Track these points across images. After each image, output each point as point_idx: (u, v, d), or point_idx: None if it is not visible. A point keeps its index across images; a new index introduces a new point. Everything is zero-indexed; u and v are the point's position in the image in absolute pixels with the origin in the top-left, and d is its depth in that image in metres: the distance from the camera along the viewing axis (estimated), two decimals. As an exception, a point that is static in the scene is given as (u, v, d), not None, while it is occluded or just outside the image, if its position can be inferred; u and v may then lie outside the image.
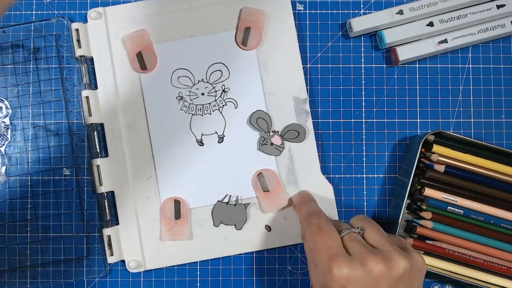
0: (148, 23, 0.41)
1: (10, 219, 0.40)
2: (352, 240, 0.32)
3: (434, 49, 0.41)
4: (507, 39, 0.42)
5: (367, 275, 0.29)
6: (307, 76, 0.42)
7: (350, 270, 0.29)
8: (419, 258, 0.31)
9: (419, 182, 0.38)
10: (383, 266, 0.29)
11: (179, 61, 0.41)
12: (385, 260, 0.30)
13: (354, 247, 0.31)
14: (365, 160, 0.42)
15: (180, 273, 0.40)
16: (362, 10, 0.42)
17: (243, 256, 0.41)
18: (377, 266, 0.29)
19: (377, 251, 0.30)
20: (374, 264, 0.29)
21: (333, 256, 0.30)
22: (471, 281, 0.38)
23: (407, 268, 0.30)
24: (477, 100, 0.42)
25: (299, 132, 0.40)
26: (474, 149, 0.39)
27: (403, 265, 0.30)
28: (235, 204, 0.40)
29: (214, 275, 0.41)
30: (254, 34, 0.40)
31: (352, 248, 0.31)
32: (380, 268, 0.29)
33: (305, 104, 0.40)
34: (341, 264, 0.29)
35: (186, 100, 0.40)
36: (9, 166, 0.40)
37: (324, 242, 0.31)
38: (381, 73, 0.42)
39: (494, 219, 0.38)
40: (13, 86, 0.41)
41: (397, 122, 0.42)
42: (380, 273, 0.29)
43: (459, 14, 0.41)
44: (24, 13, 0.42)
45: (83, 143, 0.41)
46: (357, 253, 0.31)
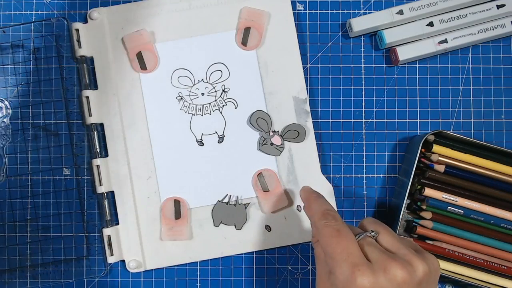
0: (148, 23, 0.41)
1: (10, 219, 0.40)
2: (369, 245, 0.31)
3: (434, 49, 0.41)
4: (507, 39, 0.42)
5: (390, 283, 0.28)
6: (307, 76, 0.42)
7: (374, 279, 0.28)
8: (434, 260, 0.31)
9: (419, 182, 0.38)
10: (405, 272, 0.29)
11: (179, 61, 0.41)
12: (405, 265, 0.29)
13: (372, 252, 0.30)
14: (365, 160, 0.42)
15: (180, 273, 0.40)
16: (362, 10, 0.42)
17: (243, 256, 0.41)
18: (399, 273, 0.29)
19: (396, 256, 0.30)
20: (396, 271, 0.29)
21: (355, 264, 0.29)
22: (471, 281, 0.38)
23: (426, 272, 0.29)
24: (477, 100, 0.42)
25: (299, 132, 0.40)
26: (474, 149, 0.39)
27: (422, 268, 0.29)
28: (235, 204, 0.40)
29: (214, 275, 0.41)
30: (254, 34, 0.40)
31: (371, 254, 0.30)
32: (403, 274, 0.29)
33: (305, 104, 0.40)
34: (364, 273, 0.28)
35: (186, 100, 0.40)
36: (9, 166, 0.40)
37: (344, 248, 0.30)
38: (381, 73, 0.42)
39: (494, 219, 0.38)
40: (13, 86, 0.41)
41: (397, 122, 0.42)
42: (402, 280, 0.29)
43: (459, 14, 0.41)
44: (24, 13, 0.42)
45: (83, 143, 0.41)
46: (376, 259, 0.30)
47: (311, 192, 0.36)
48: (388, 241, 0.32)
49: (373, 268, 0.29)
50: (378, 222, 0.33)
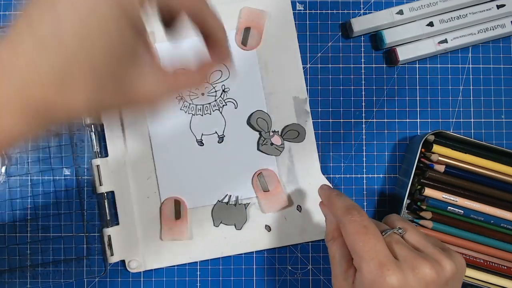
0: (148, 23, 0.40)
1: (10, 219, 0.40)
2: (396, 243, 0.30)
3: (434, 49, 0.41)
4: (507, 39, 0.42)
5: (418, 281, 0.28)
6: (307, 76, 0.42)
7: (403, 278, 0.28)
8: (461, 259, 0.31)
9: (419, 182, 0.38)
10: (434, 272, 0.28)
11: (179, 61, 0.41)
12: (434, 265, 0.29)
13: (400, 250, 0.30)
14: (365, 160, 0.42)
15: (180, 273, 0.40)
16: (362, 10, 0.42)
17: (243, 256, 0.41)
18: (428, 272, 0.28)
19: (425, 255, 0.30)
20: (425, 270, 0.28)
21: (383, 263, 0.28)
22: (471, 281, 0.38)
23: (454, 271, 0.29)
24: (477, 100, 0.42)
25: (299, 132, 0.40)
26: (474, 149, 0.39)
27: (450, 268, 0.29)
28: (235, 204, 0.40)
29: (214, 275, 0.41)
30: (254, 34, 0.40)
31: (399, 252, 0.30)
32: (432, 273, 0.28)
33: (305, 104, 0.40)
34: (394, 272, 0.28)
35: (186, 100, 0.40)
36: (9, 166, 0.40)
37: (372, 246, 0.29)
38: (381, 73, 0.42)
39: (494, 219, 0.38)
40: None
41: (397, 122, 0.42)
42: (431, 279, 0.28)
43: (459, 14, 0.41)
44: (24, 13, 0.42)
45: (83, 143, 0.41)
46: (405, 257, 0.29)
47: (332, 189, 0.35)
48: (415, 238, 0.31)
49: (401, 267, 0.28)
50: (404, 220, 0.32)
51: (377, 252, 0.29)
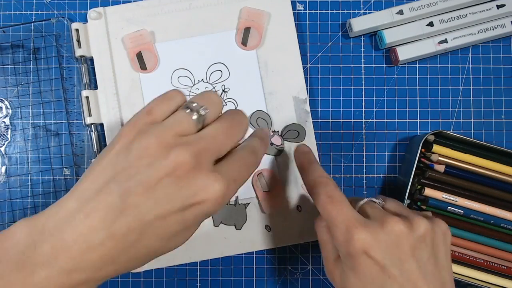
0: (148, 23, 0.41)
1: (10, 219, 0.40)
2: (371, 207, 0.31)
3: (434, 49, 0.41)
4: (507, 39, 0.42)
5: (387, 235, 0.28)
6: (307, 76, 0.42)
7: (370, 233, 0.28)
8: (441, 223, 0.30)
9: (419, 182, 0.38)
10: (403, 225, 0.28)
11: (179, 61, 0.41)
12: (404, 221, 0.29)
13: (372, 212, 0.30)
14: (365, 160, 0.42)
15: (180, 273, 0.40)
16: (362, 10, 0.42)
17: (243, 256, 0.41)
18: (396, 225, 0.28)
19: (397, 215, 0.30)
20: (394, 224, 0.28)
21: (351, 223, 0.29)
22: (471, 281, 0.38)
23: (428, 229, 0.29)
24: (477, 100, 0.42)
25: (299, 132, 0.40)
26: (474, 149, 0.39)
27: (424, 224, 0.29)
28: (235, 204, 0.40)
29: (214, 275, 0.41)
30: (254, 34, 0.40)
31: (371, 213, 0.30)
32: (400, 227, 0.28)
33: (305, 104, 0.40)
34: (361, 229, 0.28)
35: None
36: (9, 166, 0.40)
37: (339, 211, 0.30)
38: (381, 73, 0.42)
39: (494, 219, 0.38)
40: (13, 86, 0.41)
41: (397, 122, 0.42)
42: (400, 232, 0.28)
43: (459, 14, 0.41)
44: (24, 13, 0.42)
45: (83, 143, 0.41)
46: (376, 216, 0.30)
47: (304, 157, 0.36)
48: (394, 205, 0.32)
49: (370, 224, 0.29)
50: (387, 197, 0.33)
51: (345, 215, 0.29)
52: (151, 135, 0.25)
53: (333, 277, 0.31)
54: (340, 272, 0.30)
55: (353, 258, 0.28)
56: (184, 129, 0.26)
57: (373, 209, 0.31)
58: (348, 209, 0.30)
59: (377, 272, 0.28)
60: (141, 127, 0.26)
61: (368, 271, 0.28)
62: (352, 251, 0.28)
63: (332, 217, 0.30)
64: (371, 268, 0.28)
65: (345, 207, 0.30)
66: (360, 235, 0.28)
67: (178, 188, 0.24)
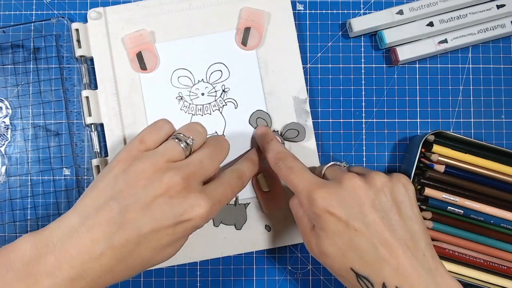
0: (148, 23, 0.41)
1: (10, 219, 0.40)
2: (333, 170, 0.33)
3: (434, 49, 0.41)
4: (507, 39, 0.42)
5: (345, 191, 0.30)
6: (307, 76, 0.42)
7: (328, 191, 0.30)
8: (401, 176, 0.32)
9: (419, 182, 0.38)
10: (359, 180, 0.30)
11: (179, 61, 0.41)
12: (360, 177, 0.31)
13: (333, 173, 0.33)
14: (365, 160, 0.42)
15: (180, 273, 0.40)
16: (362, 10, 0.42)
17: (243, 256, 0.41)
18: (352, 180, 0.30)
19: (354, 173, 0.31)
20: (350, 179, 0.30)
21: (311, 186, 0.31)
22: (471, 281, 0.38)
23: (385, 181, 0.30)
24: (477, 100, 0.42)
25: (299, 131, 0.40)
26: (474, 149, 0.39)
27: (380, 178, 0.30)
28: (235, 204, 0.40)
29: (214, 275, 0.41)
30: (254, 34, 0.40)
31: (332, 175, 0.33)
32: (357, 181, 0.30)
33: (305, 104, 0.40)
34: (319, 189, 0.30)
35: (186, 100, 0.40)
36: (9, 166, 0.40)
37: (300, 180, 0.32)
38: (381, 73, 0.42)
39: (494, 219, 0.38)
40: (13, 86, 0.41)
41: (397, 122, 0.42)
42: (357, 186, 0.30)
43: (459, 14, 0.41)
44: (24, 13, 0.42)
45: (83, 143, 0.41)
46: (335, 176, 0.32)
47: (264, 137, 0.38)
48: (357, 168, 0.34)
49: (328, 183, 0.31)
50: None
51: (305, 180, 0.32)
52: (147, 160, 0.29)
53: (311, 247, 0.32)
54: (315, 238, 0.31)
55: (319, 218, 0.30)
56: (174, 156, 0.30)
57: (335, 171, 0.33)
58: (308, 175, 0.32)
59: (343, 227, 0.29)
60: (136, 154, 0.30)
61: (335, 228, 0.29)
62: (316, 211, 0.30)
63: (295, 185, 0.32)
64: (336, 224, 0.29)
65: (305, 174, 0.32)
66: (318, 194, 0.30)
67: (171, 206, 0.28)
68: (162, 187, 0.28)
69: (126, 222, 0.27)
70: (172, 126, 0.32)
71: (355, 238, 0.29)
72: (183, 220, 0.28)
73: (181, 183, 0.28)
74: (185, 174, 0.29)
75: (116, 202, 0.27)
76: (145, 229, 0.27)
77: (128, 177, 0.28)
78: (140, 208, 0.27)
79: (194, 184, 0.29)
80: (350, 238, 0.29)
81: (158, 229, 0.28)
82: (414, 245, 0.29)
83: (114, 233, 0.27)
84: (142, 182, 0.28)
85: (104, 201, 0.28)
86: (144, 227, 0.27)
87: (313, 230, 0.31)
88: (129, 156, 0.30)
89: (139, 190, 0.28)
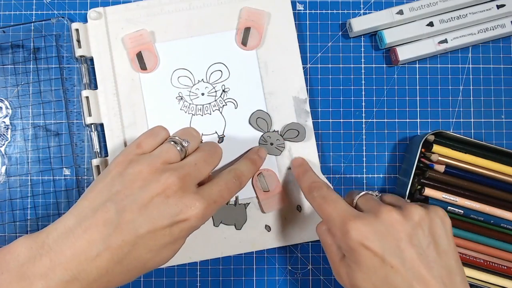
0: (148, 23, 0.41)
1: (10, 219, 0.40)
2: (366, 200, 0.32)
3: (434, 49, 0.41)
4: (507, 39, 0.42)
5: (382, 225, 0.28)
6: (307, 76, 0.42)
7: (364, 224, 0.29)
8: (438, 209, 0.30)
9: (419, 182, 0.38)
10: (396, 214, 0.29)
11: (179, 61, 0.41)
12: (397, 209, 0.29)
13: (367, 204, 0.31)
14: (365, 160, 0.42)
15: (180, 273, 0.40)
16: (362, 10, 0.42)
17: (243, 256, 0.41)
18: (390, 214, 0.29)
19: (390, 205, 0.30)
20: (387, 213, 0.29)
21: (346, 217, 0.30)
22: (471, 281, 0.38)
23: (423, 215, 0.29)
24: (477, 100, 0.42)
25: (299, 131, 0.40)
26: (474, 149, 0.39)
27: (418, 211, 0.29)
28: (235, 204, 0.40)
29: (214, 275, 0.41)
30: (254, 34, 0.40)
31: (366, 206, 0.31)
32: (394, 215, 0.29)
33: (305, 104, 0.40)
34: (355, 221, 0.29)
35: (186, 100, 0.40)
36: (9, 166, 0.40)
37: (333, 209, 0.31)
38: (381, 73, 0.42)
39: (494, 219, 0.38)
40: (13, 86, 0.41)
41: (397, 122, 0.42)
42: (394, 220, 0.28)
43: (459, 14, 0.41)
44: (24, 13, 0.42)
45: (83, 143, 0.41)
46: (370, 208, 0.30)
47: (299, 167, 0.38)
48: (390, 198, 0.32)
49: (363, 215, 0.30)
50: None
51: (339, 211, 0.30)
52: (143, 162, 0.29)
53: (341, 277, 0.31)
54: (346, 269, 0.30)
55: (353, 251, 0.29)
56: (170, 157, 0.30)
57: (368, 201, 0.32)
58: (342, 205, 0.31)
59: (378, 263, 0.28)
60: (132, 158, 0.30)
61: (369, 263, 0.28)
62: (350, 244, 0.29)
63: (328, 214, 0.31)
64: (371, 259, 0.28)
65: (340, 204, 0.31)
66: (354, 227, 0.29)
67: (167, 206, 0.28)
68: (159, 187, 0.28)
69: (123, 223, 0.27)
70: (168, 132, 0.33)
71: (390, 274, 0.27)
72: (179, 220, 0.28)
73: (177, 183, 0.29)
74: (181, 175, 0.29)
75: (113, 203, 0.28)
76: (142, 230, 0.27)
77: (125, 179, 0.29)
78: (137, 208, 0.28)
79: (189, 185, 0.30)
80: (385, 275, 0.28)
81: (154, 229, 0.28)
82: (451, 282, 0.28)
83: (110, 234, 0.27)
84: (138, 183, 0.28)
85: (101, 203, 0.28)
86: (140, 227, 0.27)
87: (343, 260, 0.30)
88: (126, 159, 0.30)
89: (136, 191, 0.28)
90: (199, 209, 0.29)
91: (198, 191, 0.30)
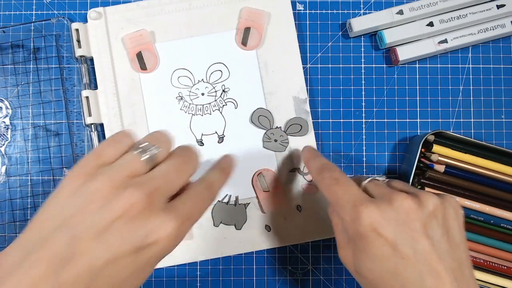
0: (148, 23, 0.41)
1: (10, 219, 0.40)
2: (376, 186, 0.30)
3: (434, 49, 0.41)
4: (507, 39, 0.42)
5: (396, 212, 0.27)
6: (307, 76, 0.42)
7: (378, 210, 0.27)
8: (451, 199, 0.29)
9: (419, 182, 0.38)
10: (411, 201, 0.27)
11: (179, 61, 0.41)
12: (412, 197, 0.28)
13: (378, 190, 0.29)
14: (365, 160, 0.42)
15: (180, 273, 0.40)
16: (362, 10, 0.42)
17: (243, 256, 0.41)
18: (405, 202, 0.27)
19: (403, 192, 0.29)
20: (402, 200, 0.27)
21: (357, 201, 0.28)
22: (471, 281, 0.38)
23: (438, 204, 0.28)
24: (477, 100, 0.42)
25: (301, 126, 0.40)
26: (474, 149, 0.39)
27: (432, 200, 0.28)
28: (235, 204, 0.40)
29: (214, 275, 0.41)
30: (254, 34, 0.40)
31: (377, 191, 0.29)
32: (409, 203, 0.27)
33: (305, 104, 0.40)
34: (368, 206, 0.27)
35: (186, 100, 0.40)
36: (9, 166, 0.40)
37: (345, 192, 0.29)
38: (381, 73, 0.42)
39: (494, 219, 0.38)
40: (13, 86, 0.41)
41: (397, 122, 0.42)
42: (409, 208, 0.27)
43: (459, 14, 0.41)
44: (24, 13, 0.42)
45: (83, 143, 0.41)
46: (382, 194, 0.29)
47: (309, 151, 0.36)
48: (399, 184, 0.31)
49: (376, 202, 0.28)
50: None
51: (350, 195, 0.29)
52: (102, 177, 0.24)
53: (346, 262, 0.30)
54: (352, 255, 0.29)
55: (363, 237, 0.27)
56: (135, 170, 0.25)
57: (378, 187, 0.30)
58: (355, 189, 0.29)
59: (389, 252, 0.26)
60: (90, 171, 0.25)
61: (379, 251, 0.27)
62: (360, 229, 0.27)
63: (338, 197, 0.29)
64: (382, 247, 0.27)
65: (352, 188, 0.29)
66: (367, 212, 0.27)
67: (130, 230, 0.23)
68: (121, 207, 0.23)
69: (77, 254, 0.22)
70: (133, 139, 0.28)
71: (400, 265, 0.26)
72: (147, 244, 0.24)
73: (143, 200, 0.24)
74: (147, 190, 0.24)
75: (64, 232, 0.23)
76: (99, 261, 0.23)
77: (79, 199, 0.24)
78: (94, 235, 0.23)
79: (158, 201, 0.25)
80: (394, 264, 0.26)
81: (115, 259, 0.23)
82: (461, 275, 0.27)
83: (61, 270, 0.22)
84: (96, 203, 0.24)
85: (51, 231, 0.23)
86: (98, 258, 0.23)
87: (350, 244, 0.29)
88: (82, 172, 0.25)
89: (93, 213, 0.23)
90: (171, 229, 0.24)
91: (168, 208, 0.25)
